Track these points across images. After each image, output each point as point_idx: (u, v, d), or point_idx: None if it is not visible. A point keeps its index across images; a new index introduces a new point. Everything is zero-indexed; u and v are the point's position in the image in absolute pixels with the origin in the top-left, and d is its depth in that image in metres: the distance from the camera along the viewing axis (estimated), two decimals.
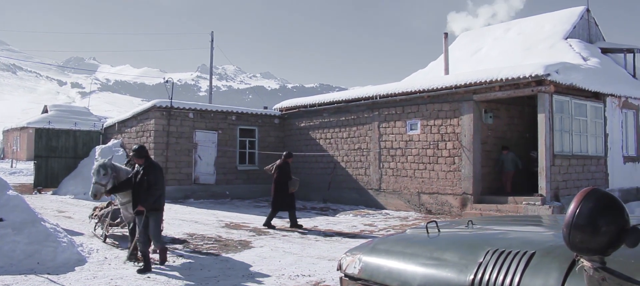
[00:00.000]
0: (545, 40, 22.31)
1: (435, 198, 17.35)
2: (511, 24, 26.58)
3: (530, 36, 23.48)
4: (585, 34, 23.02)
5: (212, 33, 38.31)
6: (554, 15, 24.52)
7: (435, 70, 24.80)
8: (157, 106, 20.83)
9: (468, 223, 3.46)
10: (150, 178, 8.65)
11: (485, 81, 16.09)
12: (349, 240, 12.16)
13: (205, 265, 9.05)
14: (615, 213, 1.86)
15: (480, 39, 26.33)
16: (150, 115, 21.02)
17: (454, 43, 27.18)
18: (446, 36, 22.75)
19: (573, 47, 20.87)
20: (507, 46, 23.79)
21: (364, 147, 19.90)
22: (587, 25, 23.34)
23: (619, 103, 18.28)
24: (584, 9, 23.46)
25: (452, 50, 24.60)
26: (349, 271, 3.14)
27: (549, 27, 23.26)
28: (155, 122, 20.63)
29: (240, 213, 17.50)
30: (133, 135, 22.17)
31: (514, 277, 2.32)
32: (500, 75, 15.80)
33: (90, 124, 36.49)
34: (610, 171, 17.77)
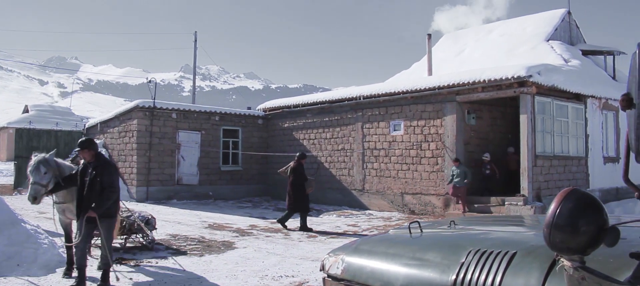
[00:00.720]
0: (527, 42, 22.51)
1: (419, 198, 17.42)
2: (494, 26, 26.79)
3: (513, 38, 23.67)
4: (567, 36, 23.24)
5: (196, 33, 38.13)
6: (535, 17, 24.74)
7: (419, 71, 24.92)
8: (139, 106, 20.70)
9: (450, 223, 3.48)
10: (105, 180, 7.18)
11: (468, 82, 16.19)
12: (332, 240, 12.17)
13: (187, 265, 9.00)
14: (594, 213, 1.88)
15: (463, 40, 26.50)
16: (133, 115, 20.88)
17: (438, 44, 27.33)
18: (429, 37, 22.87)
19: (555, 48, 21.07)
20: (490, 47, 23.95)
21: (348, 148, 19.93)
22: (569, 28, 23.57)
23: (599, 104, 18.48)
24: (565, 12, 23.70)
25: (435, 51, 24.72)
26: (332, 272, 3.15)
27: (531, 29, 23.47)
28: (138, 122, 20.50)
29: (223, 214, 17.44)
30: (115, 136, 22.01)
31: (495, 277, 2.34)
32: (483, 76, 15.91)
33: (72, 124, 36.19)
34: (591, 171, 17.95)
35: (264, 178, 23.81)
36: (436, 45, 26.90)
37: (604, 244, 1.87)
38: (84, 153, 7.39)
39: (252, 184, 23.51)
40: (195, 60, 38.07)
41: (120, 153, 21.52)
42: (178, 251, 10.45)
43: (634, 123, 1.78)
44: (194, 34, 38.05)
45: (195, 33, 38.15)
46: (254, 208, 19.56)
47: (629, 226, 2.50)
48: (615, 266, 1.98)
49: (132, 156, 20.59)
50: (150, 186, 20.39)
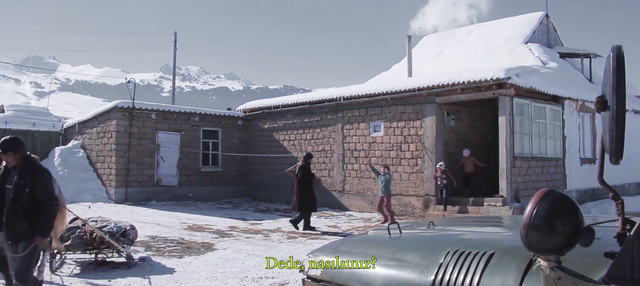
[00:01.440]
0: (506, 44, 22.71)
1: (399, 199, 17.48)
2: (473, 28, 26.98)
3: (492, 40, 23.87)
4: (545, 38, 23.50)
5: (176, 33, 37.91)
6: (514, 20, 24.97)
7: (399, 72, 25.02)
8: (118, 107, 20.52)
9: (429, 224, 3.50)
10: (41, 192, 5.65)
11: (447, 84, 16.29)
12: (312, 241, 12.17)
13: (167, 267, 8.95)
14: (570, 214, 1.90)
15: (442, 42, 26.66)
16: (112, 115, 20.70)
17: (417, 46, 27.47)
18: (409, 39, 22.99)
19: (533, 51, 21.30)
20: (469, 49, 24.13)
21: (328, 149, 19.95)
22: (546, 30, 23.83)
23: (576, 106, 18.70)
24: (543, 15, 23.96)
25: (415, 53, 24.85)
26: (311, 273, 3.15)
27: (510, 32, 23.69)
28: (116, 123, 20.32)
29: (203, 215, 17.36)
30: (94, 136, 21.79)
31: (473, 277, 2.35)
32: (462, 78, 16.02)
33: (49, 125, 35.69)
34: (568, 172, 18.16)
35: (244, 180, 23.74)
36: (416, 47, 27.03)
37: (579, 244, 1.90)
38: (7, 156, 5.63)
39: (232, 185, 23.43)
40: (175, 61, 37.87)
41: (98, 154, 21.31)
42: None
43: (608, 125, 1.81)
44: (173, 34, 37.82)
45: (175, 33, 37.93)
46: (233, 210, 19.49)
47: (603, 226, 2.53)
48: (590, 265, 2.01)
49: (111, 157, 20.41)
50: (129, 187, 20.22)
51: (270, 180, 22.42)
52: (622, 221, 1.91)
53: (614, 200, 1.94)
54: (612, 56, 1.81)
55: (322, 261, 3.13)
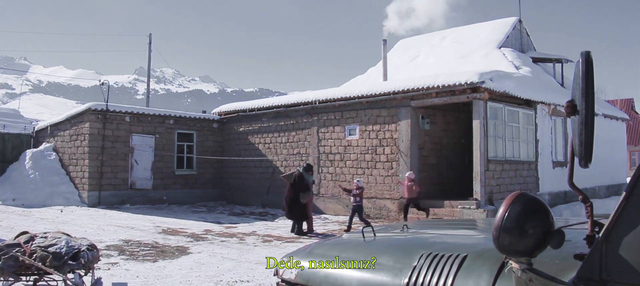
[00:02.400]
0: (480, 49, 22.93)
1: (374, 202, 17.54)
2: (447, 32, 27.20)
3: (466, 44, 24.08)
4: (518, 43, 23.79)
5: (150, 35, 37.61)
6: (488, 25, 25.23)
7: (374, 76, 25.11)
8: (92, 109, 20.28)
9: (403, 227, 3.52)
10: None
11: (422, 88, 16.40)
12: (287, 244, 12.15)
13: (140, 272, 8.86)
14: (541, 217, 1.93)
15: (417, 46, 26.83)
16: (85, 118, 20.45)
17: (393, 50, 27.60)
18: (385, 43, 23.09)
19: (506, 55, 21.54)
20: (444, 54, 24.32)
21: (303, 152, 19.94)
22: (520, 36, 24.13)
23: (548, 110, 18.95)
24: (516, 20, 24.26)
25: (390, 57, 24.97)
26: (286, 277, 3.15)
27: (484, 36, 23.92)
28: (90, 126, 20.08)
29: (177, 218, 17.23)
30: (67, 139, 21.50)
31: (447, 279, 2.37)
32: (437, 82, 16.14)
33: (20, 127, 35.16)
34: (541, 175, 18.38)
35: (219, 183, 23.63)
36: (391, 50, 27.16)
37: (550, 246, 1.93)
38: None
39: (207, 188, 23.30)
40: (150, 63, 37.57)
41: (71, 157, 21.03)
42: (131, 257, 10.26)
43: (577, 129, 1.84)
44: (148, 36, 37.53)
45: (150, 35, 37.63)
46: (208, 213, 19.38)
47: (573, 228, 2.57)
48: (560, 267, 2.04)
49: (84, 160, 20.15)
50: (102, 190, 19.99)
51: (245, 184, 22.35)
52: (591, 224, 1.94)
53: (583, 203, 1.97)
54: (581, 61, 1.84)
55: (297, 265, 3.12)
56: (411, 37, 29.42)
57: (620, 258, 1.79)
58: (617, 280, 1.79)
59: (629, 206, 1.80)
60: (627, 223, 1.79)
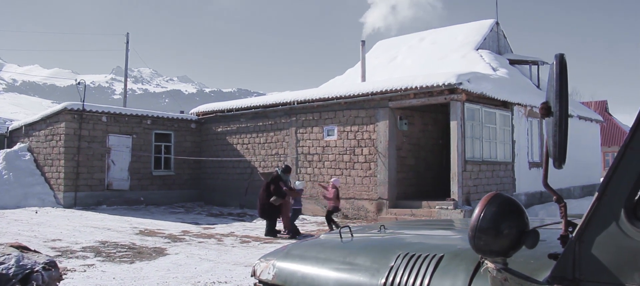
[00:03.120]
0: (458, 50, 23.11)
1: (352, 203, 17.57)
2: (426, 34, 27.36)
3: (444, 46, 24.25)
4: (495, 45, 24.02)
5: (128, 34, 37.30)
6: (466, 27, 25.45)
7: (353, 77, 25.18)
8: (68, 109, 20.04)
9: (380, 227, 3.52)
10: None
11: (400, 89, 16.47)
12: (265, 245, 12.13)
13: (117, 273, 8.77)
14: (515, 217, 1.95)
15: (396, 48, 26.96)
16: (61, 118, 20.20)
17: (371, 51, 27.70)
18: (363, 44, 23.16)
19: (484, 57, 21.74)
20: (422, 55, 24.46)
21: (282, 153, 19.91)
22: (497, 38, 24.37)
23: (525, 112, 19.15)
24: (493, 22, 24.50)
25: (369, 58, 25.05)
26: (263, 277, 3.14)
27: (462, 38, 24.11)
28: (66, 126, 19.84)
29: (155, 219, 17.10)
30: (42, 139, 21.22)
31: (423, 279, 2.38)
32: (415, 83, 16.22)
33: None
34: (517, 176, 18.58)
35: (197, 183, 23.50)
36: (370, 51, 27.25)
37: (525, 246, 1.95)
38: None
39: (185, 189, 23.16)
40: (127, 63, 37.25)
41: (46, 158, 20.76)
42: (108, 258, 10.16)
43: (551, 130, 1.86)
44: (126, 35, 37.22)
45: (128, 34, 37.32)
46: (186, 214, 19.27)
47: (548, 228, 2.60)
48: (535, 267, 2.06)
49: (60, 160, 19.91)
50: (78, 191, 19.76)
51: (223, 184, 22.26)
52: (565, 224, 1.96)
53: (557, 203, 1.99)
54: (555, 64, 1.86)
55: (274, 265, 3.12)
56: (390, 38, 29.56)
57: (593, 257, 1.81)
58: (589, 278, 1.82)
59: (601, 206, 1.82)
60: (600, 223, 1.82)
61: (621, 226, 1.77)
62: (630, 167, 1.78)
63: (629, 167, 1.78)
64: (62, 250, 10.86)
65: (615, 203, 1.80)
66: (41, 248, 10.96)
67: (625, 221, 1.77)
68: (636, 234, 1.74)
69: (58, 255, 10.19)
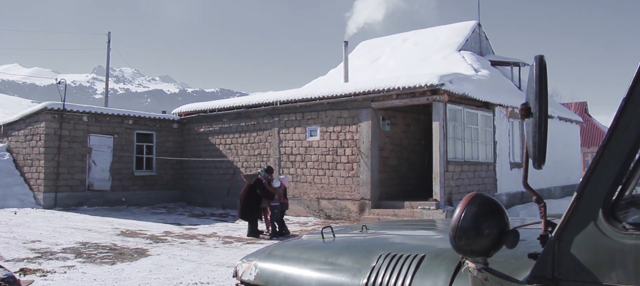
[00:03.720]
0: (440, 51, 23.21)
1: (335, 203, 17.59)
2: (408, 35, 27.45)
3: (426, 47, 24.35)
4: (477, 47, 24.17)
5: (109, 34, 37.03)
6: (448, 28, 25.57)
7: (335, 77, 25.18)
8: (48, 108, 19.84)
9: (362, 228, 3.53)
10: None
11: (383, 89, 16.52)
12: (248, 245, 12.10)
13: (98, 275, 8.70)
14: (496, 217, 1.96)
15: (379, 48, 27.01)
16: (41, 117, 19.99)
17: (354, 51, 27.73)
18: (346, 44, 23.18)
19: (466, 58, 21.85)
20: (405, 56, 24.54)
21: (264, 153, 19.88)
22: (479, 39, 24.52)
23: (506, 112, 19.29)
24: (475, 24, 24.64)
25: (351, 59, 25.07)
26: (245, 278, 3.13)
27: (444, 39, 24.23)
28: (46, 125, 19.64)
29: (136, 220, 16.99)
30: (21, 139, 20.98)
31: (405, 279, 2.39)
32: (398, 84, 16.28)
33: None
34: (499, 176, 18.71)
35: (179, 184, 23.39)
36: (352, 52, 27.29)
37: (505, 246, 1.96)
38: None
39: (167, 190, 23.03)
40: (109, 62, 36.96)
41: (26, 158, 20.53)
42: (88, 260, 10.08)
43: (531, 131, 1.88)
44: (107, 34, 36.94)
45: (109, 33, 37.06)
46: (168, 214, 19.17)
47: (528, 228, 2.63)
48: (515, 266, 2.07)
49: (40, 161, 19.70)
50: (58, 192, 19.56)
51: (206, 185, 22.16)
52: (545, 224, 1.98)
53: (537, 203, 2.01)
54: (535, 65, 1.88)
55: (256, 266, 3.11)
56: (372, 39, 29.61)
57: (572, 256, 1.83)
58: (568, 277, 1.84)
59: (580, 206, 1.84)
60: (578, 223, 1.84)
61: (599, 226, 1.80)
62: (607, 168, 1.80)
63: (606, 167, 1.80)
64: (42, 251, 10.75)
65: (593, 204, 1.82)
66: (20, 249, 10.86)
67: (603, 221, 1.79)
68: (614, 234, 1.76)
69: (38, 257, 10.09)
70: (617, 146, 1.78)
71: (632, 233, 1.74)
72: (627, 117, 1.76)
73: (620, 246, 1.75)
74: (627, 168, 1.79)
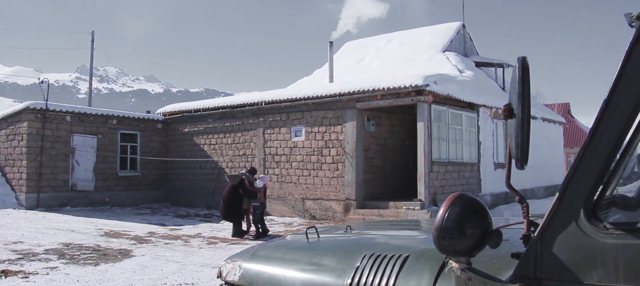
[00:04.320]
0: (424, 52, 23.31)
1: (319, 204, 17.60)
2: (393, 35, 27.54)
3: (411, 48, 24.44)
4: (461, 48, 24.30)
5: (93, 33, 36.75)
6: (433, 29, 25.68)
7: (320, 78, 25.20)
8: (30, 108, 19.64)
9: (346, 228, 3.54)
10: None
11: (368, 90, 16.55)
12: (232, 246, 12.08)
13: (81, 276, 8.63)
14: (479, 217, 1.98)
15: (364, 49, 27.08)
16: (23, 117, 19.80)
17: (339, 52, 27.77)
18: (331, 45, 23.20)
19: (450, 59, 21.97)
20: (390, 56, 24.61)
21: (249, 153, 19.83)
22: (463, 40, 24.65)
23: (490, 113, 19.41)
24: (460, 25, 24.78)
25: (336, 59, 25.10)
26: (229, 279, 3.12)
27: (429, 40, 24.33)
28: (28, 125, 19.45)
29: (120, 220, 16.88)
30: (3, 139, 20.76)
31: (389, 280, 2.40)
32: (382, 84, 16.32)
33: None
34: (483, 177, 18.82)
35: (163, 184, 23.27)
36: (338, 52, 27.32)
37: (488, 246, 1.97)
38: None
39: (151, 190, 22.91)
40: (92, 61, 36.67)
41: (7, 158, 20.33)
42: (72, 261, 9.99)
43: (514, 131, 1.89)
44: (91, 33, 36.65)
45: (93, 33, 36.77)
46: (152, 215, 19.07)
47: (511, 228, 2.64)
48: (498, 266, 2.09)
49: (22, 161, 19.50)
50: (41, 192, 19.38)
51: (190, 185, 22.07)
52: (527, 224, 1.99)
53: (520, 203, 2.02)
54: (518, 66, 1.89)
55: (241, 267, 3.11)
56: (358, 40, 29.68)
57: (554, 256, 1.85)
58: (550, 277, 1.85)
59: (562, 206, 1.86)
60: (560, 222, 1.86)
61: (581, 226, 1.81)
62: (589, 169, 1.82)
63: (587, 168, 1.82)
64: (24, 252, 10.64)
65: (575, 204, 1.83)
66: (1, 250, 10.75)
67: (585, 220, 1.81)
68: (595, 233, 1.78)
69: (19, 258, 9.99)
70: (598, 147, 1.80)
71: (612, 233, 1.76)
72: (608, 119, 1.78)
73: (601, 245, 1.77)
74: (607, 169, 1.81)
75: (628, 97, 1.75)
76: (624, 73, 1.76)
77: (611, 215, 2.04)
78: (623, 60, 1.77)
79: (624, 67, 1.76)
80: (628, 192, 2.42)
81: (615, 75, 1.77)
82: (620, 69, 1.76)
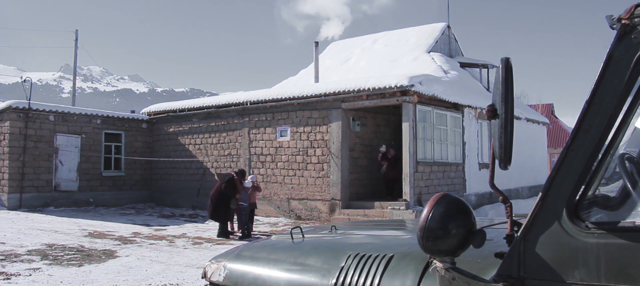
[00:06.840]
0: (410, 53, 23.39)
1: (305, 204, 17.59)
2: (379, 36, 27.60)
3: (396, 48, 24.51)
4: (446, 48, 24.41)
5: (77, 31, 36.48)
6: (418, 30, 25.77)
7: (306, 78, 25.20)
8: (13, 107, 19.44)
9: (331, 228, 3.54)
10: None
11: (353, 90, 16.58)
12: (217, 246, 12.04)
13: (64, 277, 8.56)
14: (463, 217, 1.99)
15: (349, 49, 27.11)
16: (5, 116, 19.59)
17: (325, 52, 27.79)
18: (317, 45, 23.20)
19: (435, 60, 22.05)
20: (375, 57, 24.66)
21: (234, 153, 19.78)
22: (448, 41, 24.77)
23: (475, 114, 19.52)
24: (445, 25, 24.89)
25: (322, 59, 25.12)
26: (214, 279, 3.11)
27: (414, 41, 24.42)
28: (10, 125, 19.26)
29: (105, 221, 16.77)
30: None
31: (374, 279, 2.40)
32: (368, 84, 16.35)
33: None
34: (468, 177, 18.92)
35: (148, 184, 23.15)
36: (323, 53, 27.34)
37: (472, 245, 1.99)
38: None
39: (136, 190, 22.78)
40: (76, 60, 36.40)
41: None
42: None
43: (497, 132, 1.90)
44: (75, 32, 36.38)
45: (77, 31, 36.51)
46: (137, 215, 18.96)
47: (495, 228, 2.66)
48: (482, 266, 2.10)
49: (4, 161, 19.31)
50: (24, 193, 19.20)
51: (175, 185, 21.98)
52: (511, 223, 2.01)
53: (503, 203, 2.04)
54: (501, 67, 1.91)
55: (225, 267, 3.10)
56: (343, 40, 29.72)
57: (537, 255, 1.87)
58: (533, 276, 1.87)
59: (544, 206, 1.88)
60: (543, 222, 1.87)
61: (563, 225, 1.83)
62: (571, 169, 1.84)
63: (570, 168, 1.84)
64: (6, 253, 10.53)
65: (557, 204, 1.85)
66: None
67: (567, 220, 1.83)
68: (577, 233, 1.80)
69: (1, 259, 9.89)
70: (580, 147, 1.82)
71: (594, 232, 1.78)
72: (590, 119, 1.80)
73: (583, 244, 1.79)
74: (589, 169, 1.83)
75: (609, 98, 1.77)
76: (605, 75, 1.78)
77: (593, 214, 2.06)
78: (604, 62, 1.79)
79: (605, 69, 1.78)
80: (610, 192, 2.44)
81: (597, 76, 1.79)
82: (602, 70, 1.78)
